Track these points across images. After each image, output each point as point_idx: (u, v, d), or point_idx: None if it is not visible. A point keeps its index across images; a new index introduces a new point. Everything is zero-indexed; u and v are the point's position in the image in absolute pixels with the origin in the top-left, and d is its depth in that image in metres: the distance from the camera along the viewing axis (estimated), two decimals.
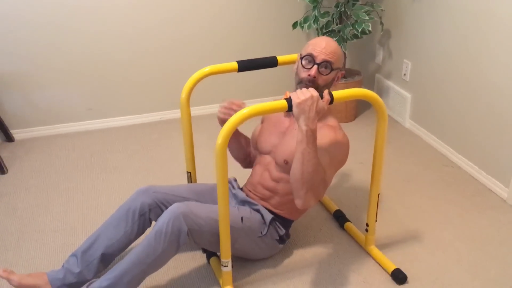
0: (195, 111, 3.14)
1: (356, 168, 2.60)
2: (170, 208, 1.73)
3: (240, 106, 1.86)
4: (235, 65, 1.97)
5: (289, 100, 1.63)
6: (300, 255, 2.05)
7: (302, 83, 1.79)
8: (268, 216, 1.89)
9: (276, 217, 1.92)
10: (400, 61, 3.13)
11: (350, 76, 3.20)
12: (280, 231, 1.94)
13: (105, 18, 2.93)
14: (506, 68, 2.30)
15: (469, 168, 2.62)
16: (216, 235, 1.74)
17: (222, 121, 1.84)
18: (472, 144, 2.59)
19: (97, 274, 1.80)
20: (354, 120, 3.28)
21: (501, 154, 2.40)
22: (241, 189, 2.03)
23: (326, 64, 1.77)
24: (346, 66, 3.37)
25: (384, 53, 3.30)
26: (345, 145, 1.85)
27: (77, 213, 2.33)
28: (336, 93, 1.69)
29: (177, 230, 1.68)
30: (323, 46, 1.78)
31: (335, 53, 1.79)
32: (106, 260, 1.83)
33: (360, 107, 3.38)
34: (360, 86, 3.23)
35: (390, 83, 3.28)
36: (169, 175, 2.61)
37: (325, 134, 1.80)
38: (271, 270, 1.97)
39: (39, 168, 2.72)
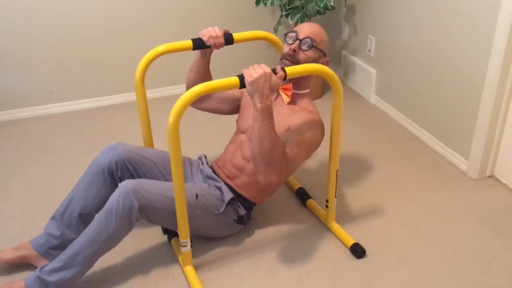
0: (158, 92, 3.14)
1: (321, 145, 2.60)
2: (120, 184, 1.71)
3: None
4: (189, 43, 1.93)
5: (241, 77, 1.61)
6: (261, 233, 2.05)
7: (283, 59, 1.83)
8: (228, 195, 1.88)
9: (238, 197, 1.92)
10: (364, 37, 3.13)
11: None
12: (240, 211, 1.93)
13: None
14: (464, 44, 2.31)
15: (431, 142, 2.65)
16: (169, 213, 1.73)
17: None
18: (433, 118, 2.62)
19: (80, 232, 1.76)
20: (321, 97, 3.28)
21: (461, 128, 2.42)
22: (211, 166, 2.01)
23: (307, 41, 1.81)
24: None
25: (350, 29, 3.29)
26: (319, 128, 1.86)
27: (37, 198, 2.29)
28: (290, 69, 1.68)
29: (128, 207, 1.66)
30: (307, 26, 1.87)
31: (318, 34, 1.85)
32: (85, 218, 1.83)
33: (327, 84, 3.36)
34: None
35: (356, 59, 3.27)
36: None
37: (300, 115, 1.85)
38: (232, 248, 1.98)
39: (0, 153, 2.66)
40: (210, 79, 2.01)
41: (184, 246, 1.79)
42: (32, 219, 2.15)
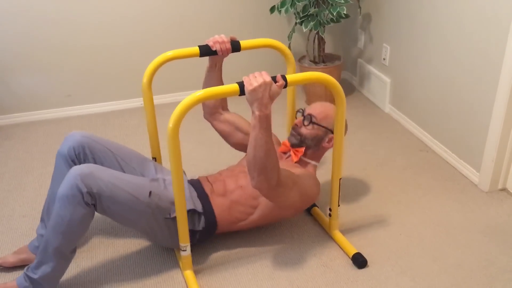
0: (169, 98, 3.18)
1: (329, 153, 2.59)
2: (69, 171, 1.69)
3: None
4: (196, 50, 1.96)
5: (241, 84, 1.62)
6: (263, 239, 2.06)
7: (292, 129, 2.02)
8: (198, 205, 1.86)
9: (206, 213, 1.87)
10: (379, 46, 3.11)
11: (330, 61, 3.18)
12: (196, 225, 1.86)
13: (83, 5, 2.92)
14: (477, 55, 2.27)
15: (443, 152, 2.61)
16: (120, 205, 1.70)
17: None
18: (446, 129, 2.58)
19: None
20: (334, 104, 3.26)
21: (473, 139, 2.38)
22: (197, 179, 2.02)
23: (309, 117, 1.96)
24: (327, 51, 3.34)
25: (365, 37, 3.27)
26: (316, 185, 1.95)
27: None
28: (291, 77, 1.68)
29: (78, 192, 1.63)
30: (316, 105, 2.03)
31: (322, 112, 1.98)
32: None
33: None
34: (340, 71, 3.21)
35: (371, 68, 3.25)
36: None
37: (301, 171, 1.94)
38: (233, 254, 1.99)
39: (15, 155, 2.74)
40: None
41: (184, 250, 1.81)
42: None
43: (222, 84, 2.03)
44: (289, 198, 1.85)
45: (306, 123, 1.97)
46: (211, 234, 1.92)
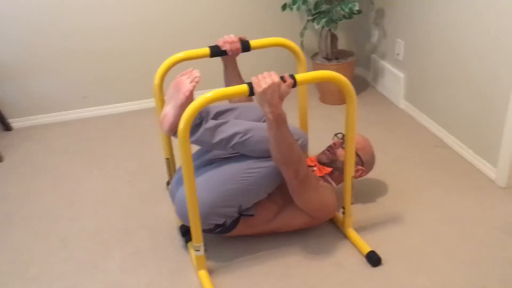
0: None
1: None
2: None
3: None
4: (207, 50, 1.97)
5: (250, 85, 1.62)
6: (276, 237, 2.06)
7: (326, 149, 2.08)
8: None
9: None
10: (393, 41, 3.08)
11: (343, 57, 3.16)
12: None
13: (99, 7, 2.96)
14: (492, 51, 2.23)
15: (459, 148, 2.58)
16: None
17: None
18: (462, 124, 2.54)
19: None
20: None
21: (489, 134, 2.34)
22: None
23: None
24: (341, 47, 3.32)
25: (379, 32, 3.24)
26: (334, 198, 1.99)
27: (65, 199, 2.39)
28: (300, 76, 1.68)
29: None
30: (357, 135, 2.02)
31: (361, 143, 2.07)
32: None
33: (356, 87, 3.32)
34: (353, 68, 3.19)
35: (384, 63, 3.22)
36: (159, 161, 2.64)
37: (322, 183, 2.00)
38: (246, 252, 1.99)
39: (33, 156, 2.79)
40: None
41: (197, 251, 1.82)
42: (60, 220, 2.25)
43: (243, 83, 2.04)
44: (311, 199, 1.89)
45: (344, 146, 1.98)
46: (228, 231, 1.93)
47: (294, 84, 1.66)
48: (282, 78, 1.64)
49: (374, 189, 2.34)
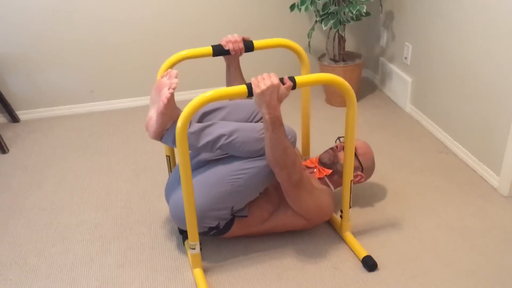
0: (182, 95, 3.20)
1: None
2: None
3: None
4: (209, 49, 1.97)
5: (249, 86, 1.62)
6: (273, 239, 2.06)
7: (328, 149, 2.08)
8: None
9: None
10: (401, 44, 3.05)
11: (350, 59, 3.15)
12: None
13: (107, 4, 2.97)
14: (500, 59, 2.20)
15: (463, 155, 2.55)
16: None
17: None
18: (467, 131, 2.52)
19: None
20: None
21: (493, 142, 2.32)
22: None
23: None
24: (349, 49, 3.31)
25: (388, 35, 3.22)
26: (330, 201, 1.98)
27: (66, 193, 2.41)
28: (300, 78, 1.67)
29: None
30: (360, 141, 2.10)
31: (364, 149, 2.07)
32: None
33: (363, 90, 3.32)
34: (360, 70, 3.18)
35: (392, 67, 3.20)
36: (162, 158, 2.66)
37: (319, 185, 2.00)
38: (242, 253, 2.00)
39: (38, 148, 2.82)
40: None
41: (193, 249, 1.83)
42: (61, 213, 2.27)
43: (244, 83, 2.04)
44: (305, 203, 1.89)
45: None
46: (223, 233, 1.94)
47: (294, 86, 1.66)
48: (281, 80, 1.64)
49: (375, 193, 2.33)
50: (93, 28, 3.02)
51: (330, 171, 2.03)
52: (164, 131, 1.78)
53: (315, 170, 2.06)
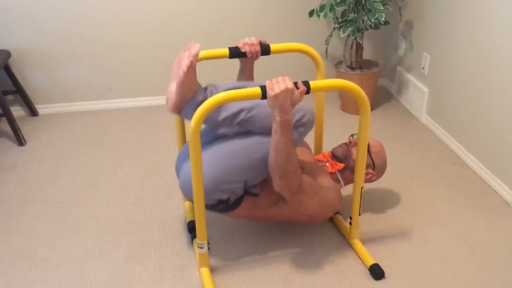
0: None
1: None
2: None
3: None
4: (226, 51, 1.99)
5: (263, 88, 1.63)
6: (282, 242, 2.06)
7: (342, 144, 2.08)
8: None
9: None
10: (419, 54, 3.04)
11: (367, 67, 3.15)
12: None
13: (127, 5, 3.02)
14: None
15: (477, 168, 2.53)
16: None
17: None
18: (482, 144, 2.49)
19: None
20: (371, 111, 3.22)
21: (509, 156, 2.29)
22: None
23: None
24: (367, 57, 3.31)
25: (406, 45, 3.21)
26: (337, 198, 1.95)
27: (80, 187, 2.45)
28: (314, 83, 1.68)
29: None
30: (374, 140, 2.09)
31: (378, 147, 2.06)
32: None
33: (379, 98, 3.31)
34: (377, 78, 3.17)
35: (409, 76, 3.19)
36: (175, 157, 2.68)
37: (326, 177, 1.97)
38: (250, 254, 2.00)
39: (55, 143, 2.87)
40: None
41: (201, 248, 1.84)
42: (72, 207, 2.31)
43: None
44: (309, 207, 1.88)
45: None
46: (231, 209, 1.87)
47: (308, 91, 1.66)
48: (295, 84, 1.65)
49: (385, 201, 2.32)
50: (113, 27, 3.07)
51: (342, 165, 2.02)
52: (184, 104, 1.75)
53: (327, 164, 2.05)
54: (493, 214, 2.23)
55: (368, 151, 1.99)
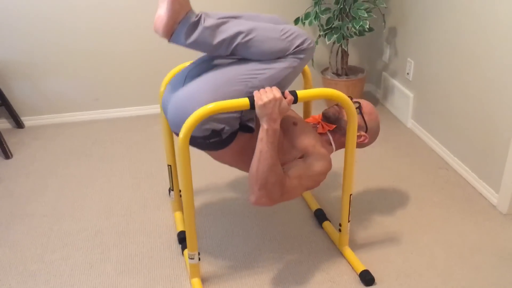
0: None
1: (341, 169, 2.58)
2: None
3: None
4: None
5: (251, 99, 1.65)
6: (272, 251, 2.07)
7: (333, 105, 2.00)
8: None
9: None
10: (404, 60, 3.08)
11: (353, 73, 3.18)
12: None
13: (112, 11, 3.02)
14: (503, 76, 2.23)
15: (463, 171, 2.57)
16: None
17: None
18: (467, 148, 2.53)
19: None
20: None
21: (494, 159, 2.33)
22: None
23: (357, 104, 1.95)
24: (352, 63, 3.34)
25: (390, 51, 3.25)
26: (325, 165, 1.82)
27: (68, 199, 2.43)
28: (301, 93, 1.70)
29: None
30: (367, 102, 2.00)
31: (370, 109, 1.98)
32: None
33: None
34: (363, 84, 3.20)
35: (395, 82, 3.23)
36: (164, 167, 2.68)
37: (312, 140, 1.86)
38: (241, 263, 2.01)
39: (42, 155, 2.84)
40: None
41: (191, 259, 1.84)
42: (61, 220, 2.29)
43: None
44: (297, 192, 1.79)
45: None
46: (222, 146, 1.76)
47: (296, 101, 1.68)
48: (283, 93, 1.66)
49: (374, 207, 2.34)
50: (99, 37, 3.06)
51: (333, 126, 1.92)
52: (176, 25, 1.65)
53: (318, 126, 1.96)
54: (480, 217, 2.27)
55: (360, 112, 1.93)
